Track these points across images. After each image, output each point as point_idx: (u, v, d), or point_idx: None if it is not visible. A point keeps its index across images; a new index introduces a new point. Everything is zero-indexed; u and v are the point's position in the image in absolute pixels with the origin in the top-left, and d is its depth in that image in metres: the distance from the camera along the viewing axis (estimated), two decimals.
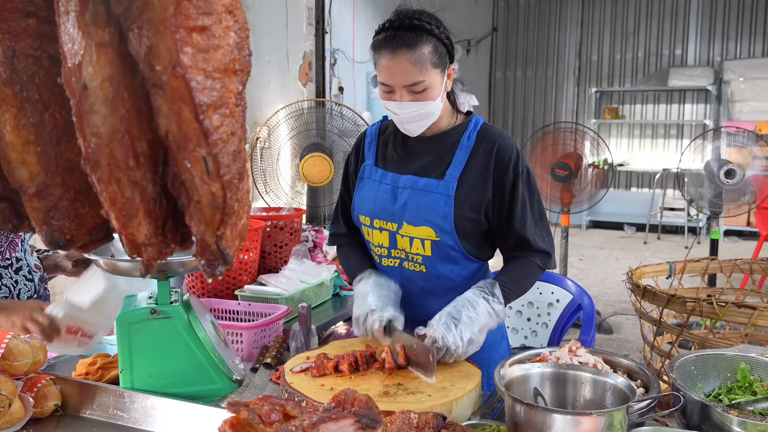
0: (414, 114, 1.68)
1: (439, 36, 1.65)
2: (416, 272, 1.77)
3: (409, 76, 1.63)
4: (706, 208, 4.67)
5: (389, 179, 1.79)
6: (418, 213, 1.72)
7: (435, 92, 1.67)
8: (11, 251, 1.90)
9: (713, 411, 1.20)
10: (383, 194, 1.78)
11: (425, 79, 1.63)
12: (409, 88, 1.64)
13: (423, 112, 1.68)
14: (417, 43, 1.62)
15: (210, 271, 0.77)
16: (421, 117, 1.69)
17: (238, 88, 0.75)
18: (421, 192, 1.73)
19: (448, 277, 1.76)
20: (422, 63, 1.62)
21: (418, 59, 1.61)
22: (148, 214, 0.74)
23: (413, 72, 1.62)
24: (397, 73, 1.63)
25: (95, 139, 0.70)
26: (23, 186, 0.77)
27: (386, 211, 1.77)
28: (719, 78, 8.95)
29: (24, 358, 1.42)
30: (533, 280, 1.82)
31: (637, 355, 4.29)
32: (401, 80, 1.64)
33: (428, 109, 1.68)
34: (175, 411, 1.41)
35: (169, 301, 1.56)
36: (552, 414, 1.12)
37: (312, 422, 0.89)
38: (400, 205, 1.75)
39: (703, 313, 2.33)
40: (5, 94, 0.74)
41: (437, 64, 1.65)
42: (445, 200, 1.70)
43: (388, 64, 1.64)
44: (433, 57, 1.63)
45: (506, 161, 1.73)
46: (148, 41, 0.66)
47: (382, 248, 1.80)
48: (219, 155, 0.71)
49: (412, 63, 1.61)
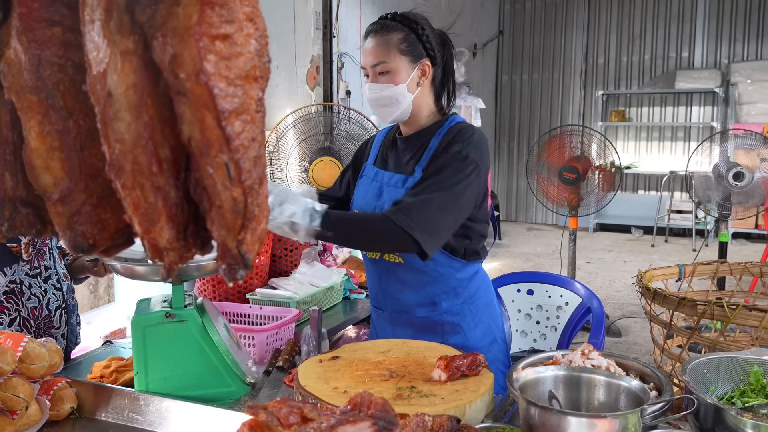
0: (377, 95, 1.77)
1: (415, 30, 1.77)
2: (395, 263, 1.84)
3: (375, 56, 1.76)
4: (714, 211, 4.66)
5: (379, 177, 1.88)
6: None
7: (399, 78, 1.76)
8: (39, 260, 1.91)
9: (727, 414, 1.20)
10: (371, 191, 1.88)
11: (388, 60, 1.75)
12: (374, 68, 1.77)
13: (385, 95, 1.76)
14: (388, 30, 1.76)
15: (231, 276, 0.78)
16: (385, 101, 1.77)
17: (258, 95, 0.76)
18: (393, 187, 1.82)
19: (424, 271, 1.82)
20: (388, 46, 1.75)
21: (384, 42, 1.75)
22: (171, 219, 0.75)
23: (378, 52, 1.76)
24: (367, 54, 1.78)
25: (119, 146, 0.71)
26: (47, 191, 0.78)
27: (370, 206, 1.86)
28: (726, 80, 8.93)
29: (41, 361, 1.43)
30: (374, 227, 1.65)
31: (646, 358, 4.28)
32: (369, 60, 1.77)
33: (389, 92, 1.76)
34: (189, 414, 1.42)
35: (184, 305, 1.57)
36: (567, 417, 1.12)
37: (330, 425, 0.90)
38: (381, 201, 1.83)
39: (713, 316, 2.33)
40: (31, 102, 0.75)
41: (405, 51, 1.76)
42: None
43: (364, 48, 1.79)
44: (401, 44, 1.75)
45: (448, 143, 1.75)
46: (172, 49, 0.67)
47: None
48: (240, 161, 0.72)
49: (378, 44, 1.76)
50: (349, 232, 1.66)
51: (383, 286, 1.89)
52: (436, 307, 1.85)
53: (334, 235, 1.61)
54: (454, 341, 1.82)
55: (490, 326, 1.94)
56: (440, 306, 1.85)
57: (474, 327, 1.89)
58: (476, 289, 1.90)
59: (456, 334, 1.85)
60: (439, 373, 1.44)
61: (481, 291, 1.92)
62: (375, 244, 1.75)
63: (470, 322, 1.88)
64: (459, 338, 1.85)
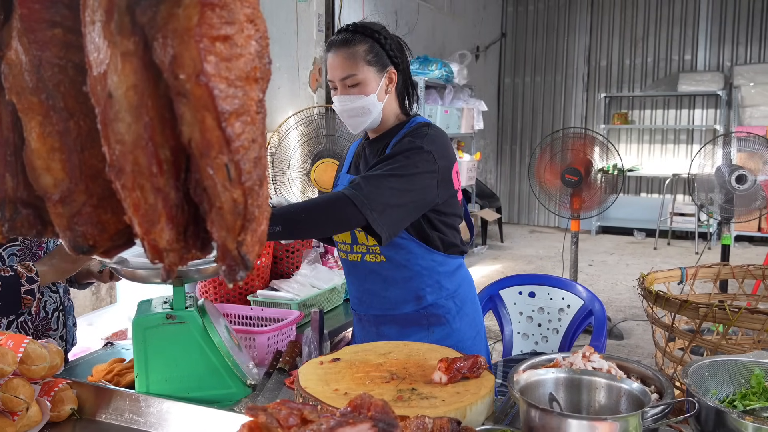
0: (348, 107, 1.81)
1: (378, 39, 1.81)
2: (378, 263, 1.87)
3: (343, 69, 1.79)
4: (716, 214, 4.65)
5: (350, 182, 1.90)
6: None
7: (369, 88, 1.79)
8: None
9: (728, 417, 1.20)
10: None
11: (357, 73, 1.78)
12: (343, 81, 1.80)
13: (356, 106, 1.80)
14: (352, 42, 1.79)
15: (231, 277, 0.78)
16: (356, 112, 1.81)
17: (259, 96, 0.76)
18: None
19: (406, 266, 1.86)
20: (355, 59, 1.78)
21: (351, 55, 1.78)
22: (171, 220, 0.75)
23: (346, 65, 1.78)
24: (335, 68, 1.80)
25: (120, 147, 0.71)
26: (48, 192, 0.78)
27: None
28: (729, 83, 8.92)
29: (41, 363, 1.43)
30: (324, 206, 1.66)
31: (648, 361, 4.27)
32: (337, 74, 1.80)
33: (361, 103, 1.80)
34: (190, 415, 1.42)
35: (185, 306, 1.57)
36: (567, 419, 1.12)
37: (330, 426, 0.90)
38: None
39: (715, 319, 2.32)
40: (31, 103, 0.76)
41: (372, 62, 1.80)
42: None
43: (330, 61, 1.82)
44: (367, 55, 1.79)
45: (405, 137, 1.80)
46: (172, 50, 0.67)
47: (346, 245, 1.91)
48: (241, 162, 0.72)
49: (345, 58, 1.78)
50: (296, 218, 1.61)
51: (367, 287, 1.92)
52: (422, 300, 1.89)
53: (283, 229, 1.57)
54: (440, 333, 1.89)
55: (475, 319, 2.01)
56: (425, 299, 1.89)
57: (460, 319, 1.94)
58: (459, 283, 1.96)
59: (441, 326, 1.91)
60: (439, 375, 1.44)
61: (464, 286, 1.98)
62: (325, 225, 1.68)
63: (455, 315, 1.93)
64: (445, 330, 1.91)
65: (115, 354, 1.98)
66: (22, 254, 1.87)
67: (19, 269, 1.75)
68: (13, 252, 1.84)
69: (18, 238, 1.85)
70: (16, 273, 1.74)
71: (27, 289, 1.75)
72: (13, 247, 1.84)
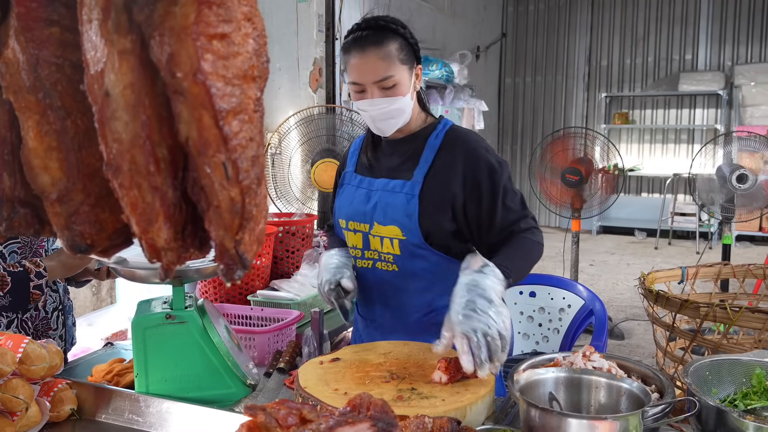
0: (385, 110, 1.72)
1: (404, 35, 1.72)
2: (389, 272, 1.80)
3: (379, 71, 1.68)
4: (717, 213, 4.65)
5: (365, 184, 1.85)
6: (386, 212, 1.77)
7: (404, 88, 1.72)
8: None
9: (729, 416, 1.20)
10: (358, 198, 1.84)
11: (394, 74, 1.69)
12: (379, 84, 1.69)
13: (394, 108, 1.72)
14: (384, 40, 1.69)
15: (229, 276, 0.78)
16: (392, 114, 1.73)
17: (256, 95, 0.75)
18: (389, 193, 1.78)
19: (420, 275, 1.78)
20: (390, 58, 1.68)
21: (386, 55, 1.68)
22: (168, 219, 0.74)
23: (382, 67, 1.68)
24: (368, 70, 1.69)
25: (117, 145, 0.70)
26: (45, 191, 0.78)
27: (359, 212, 1.82)
28: (730, 82, 8.91)
29: (41, 363, 1.43)
30: (533, 253, 1.76)
31: (649, 360, 4.26)
32: (372, 76, 1.69)
33: (399, 105, 1.72)
34: (189, 415, 1.42)
35: (184, 306, 1.57)
36: (567, 418, 1.12)
37: (329, 426, 0.90)
38: (371, 206, 1.80)
39: (716, 319, 2.32)
40: (28, 101, 0.75)
41: (405, 60, 1.71)
42: (409, 199, 1.74)
43: (358, 63, 1.70)
44: (400, 54, 1.70)
45: (476, 156, 1.75)
46: (169, 48, 0.67)
47: (357, 250, 1.86)
48: (238, 160, 0.72)
49: (381, 58, 1.68)
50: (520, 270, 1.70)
51: (378, 294, 1.85)
52: (433, 308, 1.80)
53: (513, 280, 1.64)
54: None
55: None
56: (437, 307, 1.79)
57: None
58: None
59: None
60: (439, 375, 1.44)
61: None
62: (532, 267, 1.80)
63: None
64: None
65: (114, 354, 1.98)
66: (23, 252, 1.87)
67: (28, 265, 1.76)
68: (14, 249, 1.85)
69: (18, 236, 1.85)
70: (25, 268, 1.75)
71: (36, 284, 1.76)
72: (14, 245, 1.85)
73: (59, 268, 1.82)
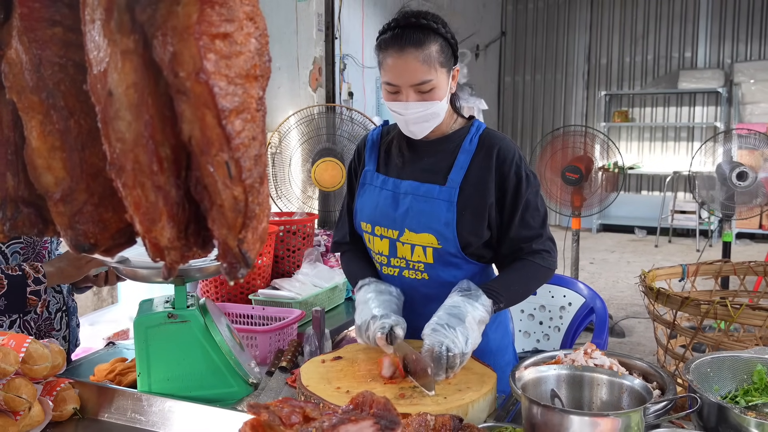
0: (420, 114, 1.65)
1: (445, 35, 1.64)
2: (418, 280, 1.74)
3: (417, 74, 1.60)
4: (717, 211, 4.65)
5: (390, 185, 1.76)
6: (420, 220, 1.69)
7: (441, 92, 1.64)
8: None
9: (731, 413, 1.20)
10: (384, 201, 1.75)
11: (433, 78, 1.61)
12: (416, 87, 1.62)
13: (429, 113, 1.65)
14: (425, 42, 1.59)
15: (232, 275, 0.78)
16: (426, 118, 1.66)
17: (259, 94, 0.76)
18: (422, 198, 1.70)
19: (451, 282, 1.68)
20: (430, 61, 1.60)
21: (426, 58, 1.59)
22: (172, 218, 0.75)
23: (421, 71, 1.60)
24: (405, 72, 1.60)
25: (120, 145, 0.71)
26: (49, 191, 0.78)
27: (387, 217, 1.73)
28: (730, 80, 8.91)
29: (44, 362, 1.43)
30: (536, 278, 1.73)
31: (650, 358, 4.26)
32: (409, 79, 1.61)
33: (434, 109, 1.65)
34: (192, 414, 1.43)
35: (186, 306, 1.57)
36: (569, 415, 1.12)
37: (332, 424, 0.90)
38: (402, 212, 1.71)
39: (717, 316, 2.32)
40: (32, 101, 0.76)
41: (444, 63, 1.63)
42: (448, 206, 1.67)
43: (396, 63, 1.61)
44: (440, 56, 1.62)
45: (508, 165, 1.69)
46: (172, 48, 0.67)
47: (382, 256, 1.77)
48: (241, 159, 0.72)
49: (421, 61, 1.59)
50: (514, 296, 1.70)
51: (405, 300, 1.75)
52: None
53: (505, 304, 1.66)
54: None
55: (507, 327, 1.90)
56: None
57: (495, 329, 1.81)
58: None
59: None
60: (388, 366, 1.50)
61: None
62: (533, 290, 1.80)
63: (492, 323, 1.74)
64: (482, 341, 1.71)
65: (116, 354, 1.98)
66: (25, 252, 1.87)
67: (27, 269, 1.76)
68: (17, 250, 1.85)
69: (21, 237, 1.85)
70: (24, 273, 1.74)
71: (33, 290, 1.75)
72: (16, 245, 1.85)
73: (57, 276, 1.82)
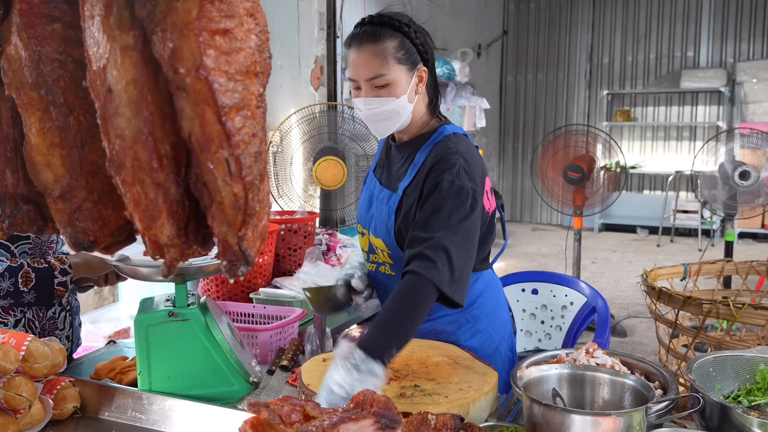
0: (377, 111, 1.64)
1: (408, 34, 1.64)
2: (389, 276, 1.78)
3: (371, 69, 1.61)
4: (720, 210, 4.64)
5: (372, 186, 1.83)
6: (377, 224, 1.76)
7: (399, 89, 1.63)
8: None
9: (733, 412, 1.19)
10: (364, 201, 1.83)
11: (386, 73, 1.61)
12: (371, 82, 1.62)
13: (386, 110, 1.64)
14: (381, 37, 1.61)
15: (232, 272, 0.78)
16: (384, 115, 1.65)
17: (259, 90, 0.75)
18: (381, 203, 1.76)
19: None
20: (384, 56, 1.60)
21: (380, 52, 1.60)
22: (171, 216, 0.74)
23: (374, 64, 1.60)
24: (360, 67, 1.62)
25: (119, 142, 0.70)
26: (48, 188, 0.78)
27: (363, 217, 1.83)
28: (732, 79, 8.89)
29: (44, 361, 1.43)
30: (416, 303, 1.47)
31: (652, 358, 4.26)
32: (363, 73, 1.62)
33: (391, 106, 1.63)
34: (192, 413, 1.42)
35: (187, 304, 1.57)
36: (571, 415, 1.11)
37: (332, 422, 0.89)
38: (370, 215, 1.80)
39: (719, 315, 2.31)
40: (31, 98, 0.75)
41: (403, 60, 1.62)
42: (389, 213, 1.71)
43: (354, 58, 1.63)
44: (397, 52, 1.61)
45: (436, 173, 1.61)
46: (171, 44, 0.67)
47: (365, 252, 1.86)
48: (241, 156, 0.72)
49: (374, 55, 1.60)
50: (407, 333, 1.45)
51: (383, 297, 1.79)
52: (430, 316, 1.72)
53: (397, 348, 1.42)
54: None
55: (492, 336, 1.80)
56: (433, 315, 1.73)
57: (470, 337, 1.77)
58: (476, 297, 1.79)
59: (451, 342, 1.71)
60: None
61: (482, 299, 1.80)
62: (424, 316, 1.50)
63: (466, 332, 1.75)
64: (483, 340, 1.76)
65: (117, 352, 1.98)
66: (33, 252, 1.87)
67: (53, 261, 1.78)
68: (24, 250, 1.85)
69: (30, 237, 1.87)
70: (50, 265, 1.76)
71: (60, 281, 1.77)
72: (25, 245, 1.85)
73: (84, 267, 1.84)
